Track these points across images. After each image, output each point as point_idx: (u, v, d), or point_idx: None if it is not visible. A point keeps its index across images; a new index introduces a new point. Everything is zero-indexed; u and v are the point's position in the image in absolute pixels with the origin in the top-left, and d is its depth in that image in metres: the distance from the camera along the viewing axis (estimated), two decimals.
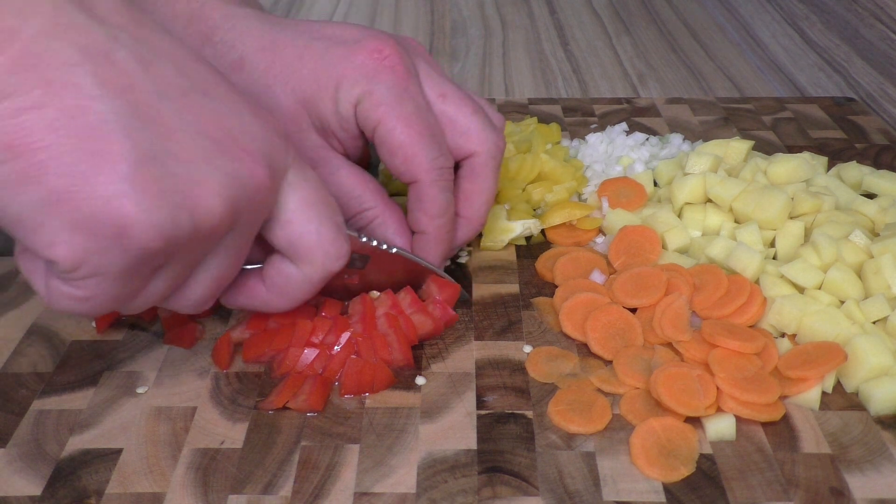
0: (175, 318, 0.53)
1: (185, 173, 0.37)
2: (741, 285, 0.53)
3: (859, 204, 0.60)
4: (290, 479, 0.43)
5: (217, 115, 0.39)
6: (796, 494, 0.42)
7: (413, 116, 0.50)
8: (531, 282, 0.58)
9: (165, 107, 0.37)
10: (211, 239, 0.40)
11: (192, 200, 0.37)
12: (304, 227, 0.43)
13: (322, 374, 0.48)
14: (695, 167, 0.64)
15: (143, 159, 0.36)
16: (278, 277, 0.45)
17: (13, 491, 0.42)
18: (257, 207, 0.41)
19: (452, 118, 0.52)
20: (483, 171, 0.53)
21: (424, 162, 0.50)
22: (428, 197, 0.51)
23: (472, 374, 0.50)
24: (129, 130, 0.35)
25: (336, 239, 0.44)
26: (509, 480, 0.43)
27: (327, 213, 0.44)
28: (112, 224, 0.35)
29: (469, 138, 0.52)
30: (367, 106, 0.50)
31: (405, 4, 1.19)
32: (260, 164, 0.40)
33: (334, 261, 0.45)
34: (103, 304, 0.38)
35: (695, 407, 0.46)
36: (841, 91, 0.89)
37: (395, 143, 0.50)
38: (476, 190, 0.54)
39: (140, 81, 0.37)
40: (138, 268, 0.38)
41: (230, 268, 0.43)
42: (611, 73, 0.96)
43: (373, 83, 0.50)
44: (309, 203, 0.43)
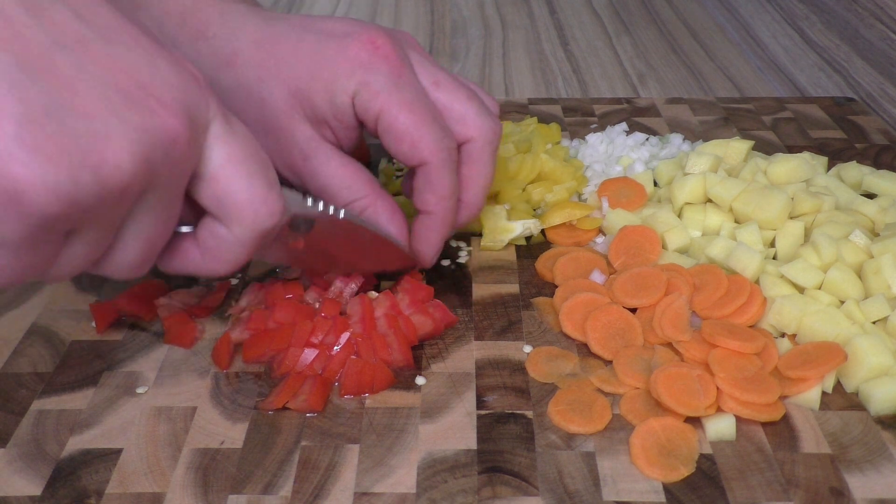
0: (175, 317, 0.53)
1: (86, 129, 0.34)
2: (741, 285, 0.53)
3: (859, 204, 0.60)
4: (290, 479, 0.43)
5: (124, 64, 0.36)
6: (796, 494, 0.42)
7: (414, 101, 0.50)
8: (531, 282, 0.58)
9: (62, 57, 0.34)
10: (125, 198, 0.36)
11: (95, 157, 0.34)
12: (232, 184, 0.41)
13: (322, 375, 0.48)
14: (695, 167, 0.64)
15: (34, 116, 0.33)
16: (211, 239, 0.43)
17: (13, 491, 0.42)
18: (176, 162, 0.38)
19: (448, 105, 0.53)
20: (480, 155, 0.54)
21: (431, 143, 0.50)
22: (437, 178, 0.51)
23: (472, 374, 0.50)
24: (14, 85, 0.33)
25: (268, 196, 0.41)
26: (509, 480, 0.43)
27: (257, 169, 0.41)
28: (3, 189, 0.32)
29: (465, 124, 0.53)
30: (365, 97, 0.50)
31: (405, 4, 1.19)
32: (175, 115, 0.37)
33: (266, 219, 0.42)
34: (14, 275, 0.36)
35: (695, 407, 0.46)
36: (841, 91, 0.89)
37: (400, 129, 0.50)
38: (474, 175, 0.54)
39: (30, 31, 0.34)
40: (43, 234, 0.35)
41: (160, 228, 0.40)
42: (611, 73, 0.96)
43: (369, 73, 0.50)
44: (236, 158, 0.41)
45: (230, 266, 0.44)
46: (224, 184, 0.41)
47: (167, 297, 0.54)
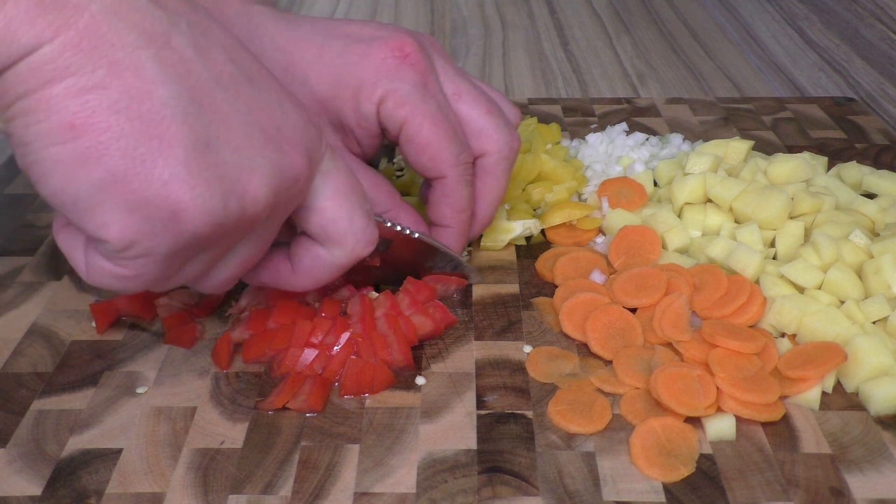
0: (175, 317, 0.53)
1: (235, 161, 0.38)
2: (741, 285, 0.53)
3: (859, 204, 0.60)
4: (290, 479, 0.43)
5: (264, 105, 0.40)
6: (796, 494, 0.42)
7: (437, 114, 0.50)
8: (531, 282, 0.58)
9: (219, 94, 0.38)
10: (252, 225, 0.40)
11: (241, 188, 0.38)
12: (337, 214, 0.44)
13: (322, 375, 0.48)
14: (695, 167, 0.64)
15: (199, 145, 0.36)
16: (306, 258, 0.46)
17: (13, 491, 0.42)
18: (294, 196, 0.42)
19: (467, 117, 0.53)
20: (495, 170, 0.54)
21: (450, 158, 0.51)
22: (454, 192, 0.52)
23: (472, 374, 0.50)
24: (186, 116, 0.36)
25: (367, 226, 0.45)
26: (509, 480, 0.43)
27: (358, 201, 0.45)
28: (167, 208, 0.36)
29: (482, 138, 0.53)
30: (391, 105, 0.50)
31: (405, 4, 1.19)
32: (301, 155, 0.41)
33: (364, 246, 0.45)
34: (145, 284, 0.39)
35: (695, 407, 0.46)
36: (841, 91, 0.89)
37: (422, 141, 0.50)
38: (487, 189, 0.54)
39: (197, 67, 0.37)
40: (184, 251, 0.38)
41: (258, 252, 0.43)
42: (611, 73, 0.96)
43: (396, 82, 0.50)
44: (341, 191, 0.44)
45: (318, 283, 0.47)
46: (330, 213, 0.44)
47: (167, 297, 0.54)
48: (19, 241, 0.62)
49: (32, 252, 0.61)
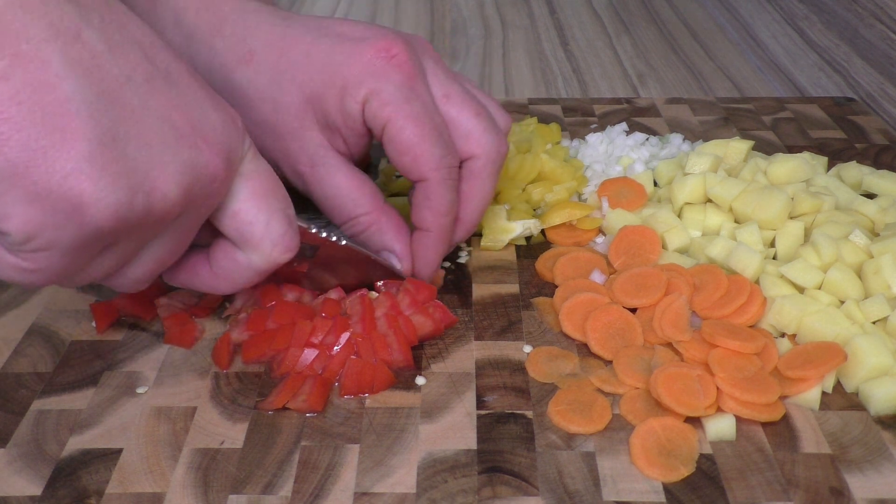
0: (175, 317, 0.53)
1: (144, 157, 0.38)
2: (741, 285, 0.53)
3: (859, 204, 0.60)
4: (290, 479, 0.43)
5: (179, 103, 0.40)
6: (796, 494, 0.42)
7: (421, 115, 0.50)
8: (531, 282, 0.58)
9: (130, 91, 0.38)
10: (162, 222, 0.40)
11: (149, 184, 0.38)
12: (254, 218, 0.44)
13: (322, 375, 0.48)
14: (695, 167, 0.64)
15: (105, 140, 0.36)
16: (225, 261, 0.45)
17: (13, 491, 0.42)
18: (210, 196, 0.41)
19: (455, 120, 0.52)
20: (481, 174, 0.53)
21: (433, 160, 0.50)
22: (436, 195, 0.51)
23: (472, 374, 0.50)
24: (92, 111, 0.36)
25: (286, 232, 0.44)
26: (509, 480, 0.43)
27: (278, 205, 0.44)
28: (69, 200, 0.36)
29: (469, 141, 0.52)
30: (375, 105, 0.50)
31: (405, 4, 1.19)
32: (218, 155, 0.41)
33: (282, 252, 0.45)
34: (48, 278, 0.39)
35: (695, 407, 0.46)
36: (841, 91, 0.89)
37: (404, 142, 0.50)
38: (473, 192, 0.54)
39: (107, 63, 0.37)
40: (89, 245, 0.38)
41: (174, 251, 0.43)
42: (611, 73, 0.96)
43: (381, 82, 0.50)
44: (260, 194, 0.44)
45: (237, 287, 0.47)
46: (247, 217, 0.44)
47: (167, 297, 0.54)
48: None
49: None
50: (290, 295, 0.53)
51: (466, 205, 0.54)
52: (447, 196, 0.52)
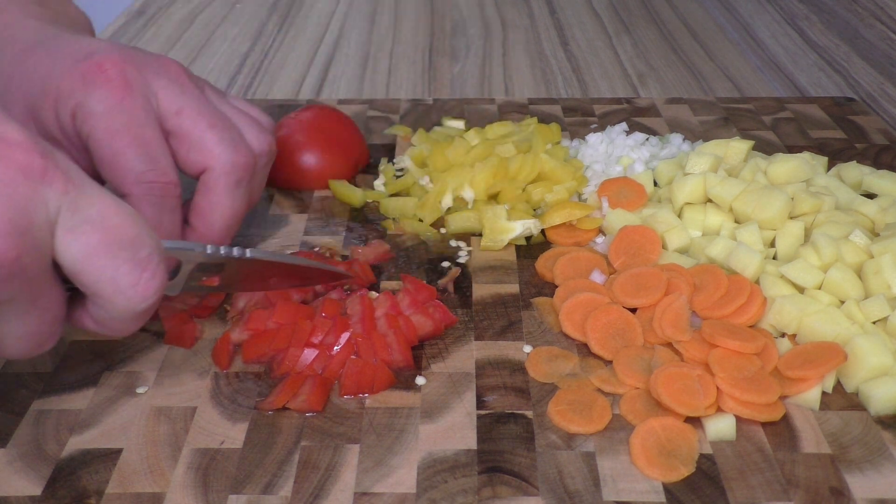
0: (175, 318, 0.53)
1: None
2: (741, 285, 0.53)
3: (859, 204, 0.60)
4: (290, 479, 0.43)
5: None
6: (796, 494, 0.42)
7: (122, 130, 0.49)
8: (531, 282, 0.58)
9: None
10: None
11: None
12: (97, 276, 0.39)
13: (322, 375, 0.48)
14: (695, 167, 0.64)
15: None
16: (99, 313, 0.41)
17: (13, 491, 0.42)
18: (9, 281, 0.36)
19: (187, 133, 0.51)
20: (214, 186, 0.52)
21: (130, 175, 0.49)
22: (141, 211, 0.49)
23: (472, 374, 0.50)
24: None
25: (137, 282, 0.39)
26: (509, 480, 0.43)
27: (121, 253, 0.39)
28: None
29: (200, 153, 0.52)
30: (80, 117, 0.50)
31: (405, 4, 1.19)
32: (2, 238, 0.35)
33: (139, 302, 0.40)
34: None
35: (695, 407, 0.46)
36: (841, 91, 0.89)
37: (102, 154, 0.49)
38: (207, 205, 0.52)
39: None
40: None
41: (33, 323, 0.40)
42: (611, 73, 0.96)
43: (87, 95, 0.50)
44: (93, 249, 0.38)
45: (125, 332, 0.43)
46: (88, 277, 0.39)
47: (168, 299, 0.54)
48: None
49: None
50: (297, 296, 0.53)
51: (202, 217, 0.52)
52: (149, 212, 0.49)
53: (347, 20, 1.13)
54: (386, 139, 0.77)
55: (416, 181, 0.67)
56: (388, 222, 0.64)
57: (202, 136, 0.51)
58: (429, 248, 0.61)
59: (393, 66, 0.98)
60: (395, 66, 0.98)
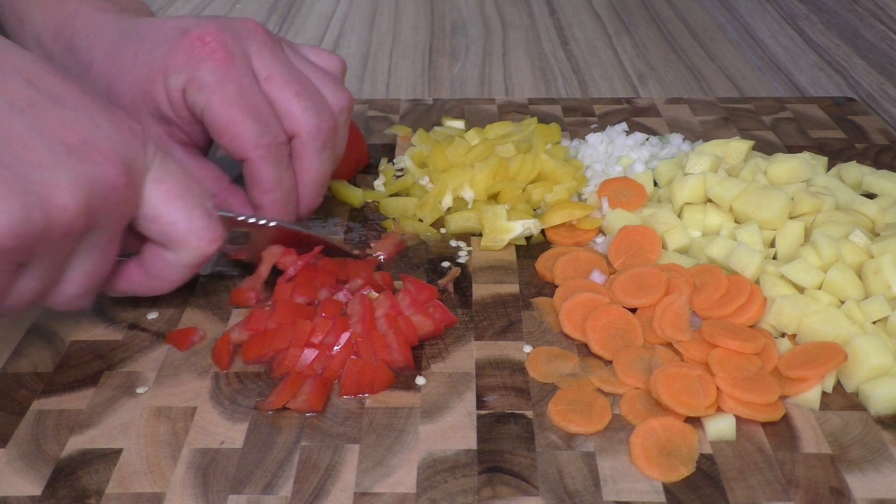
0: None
1: (38, 177, 0.40)
2: (741, 285, 0.53)
3: (859, 204, 0.60)
4: (290, 479, 0.43)
5: (69, 123, 0.43)
6: (796, 494, 0.42)
7: (236, 97, 0.52)
8: (531, 282, 0.58)
9: (15, 118, 0.41)
10: (70, 236, 0.42)
11: (45, 200, 0.40)
12: (174, 218, 0.47)
13: (322, 375, 0.48)
14: (695, 167, 0.64)
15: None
16: (157, 263, 0.48)
17: (13, 491, 0.42)
18: (115, 205, 0.44)
19: (276, 100, 0.54)
20: (303, 152, 0.55)
21: (249, 139, 0.52)
22: (258, 172, 0.53)
23: (472, 374, 0.50)
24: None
25: (208, 224, 0.47)
26: (509, 480, 0.43)
27: (195, 202, 0.47)
28: None
29: (289, 120, 0.54)
30: (192, 92, 0.52)
31: (405, 4, 1.19)
32: (114, 165, 0.43)
33: (207, 245, 0.48)
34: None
35: (695, 407, 0.46)
36: (841, 91, 0.89)
37: (220, 124, 0.52)
38: (301, 171, 0.56)
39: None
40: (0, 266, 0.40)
41: (101, 263, 0.46)
42: (611, 73, 0.96)
43: (196, 70, 0.52)
44: (175, 194, 0.47)
45: (174, 285, 0.50)
46: (167, 219, 0.47)
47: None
48: None
49: None
50: (300, 299, 0.53)
51: (298, 182, 0.56)
52: (269, 172, 0.53)
53: (347, 20, 1.13)
54: (386, 139, 0.77)
55: (416, 181, 0.67)
56: (388, 222, 0.64)
57: (289, 105, 0.54)
58: (429, 248, 0.61)
59: (393, 66, 0.98)
60: (395, 66, 0.98)
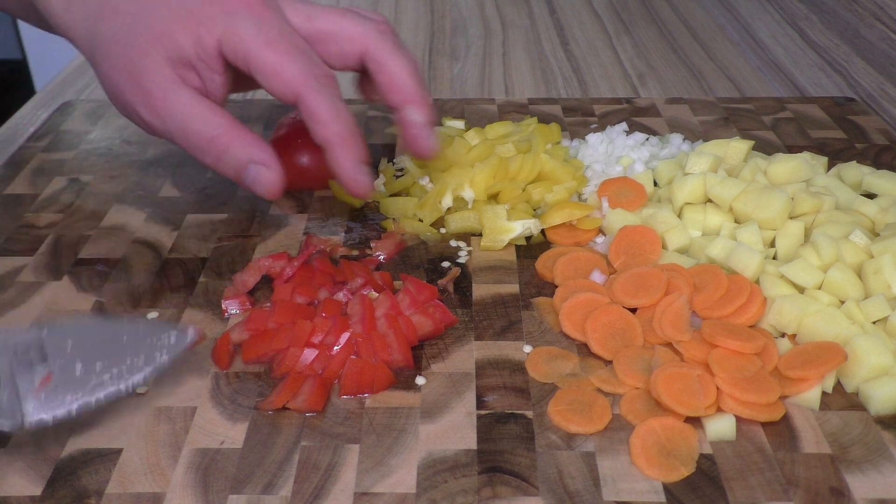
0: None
1: None
2: (741, 285, 0.53)
3: (859, 204, 0.60)
4: (290, 479, 0.43)
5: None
6: (796, 494, 0.42)
7: (277, 39, 0.53)
8: (531, 282, 0.58)
9: None
10: None
11: None
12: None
13: (322, 375, 0.48)
14: (695, 167, 0.64)
15: None
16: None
17: (13, 491, 0.42)
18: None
19: (327, 31, 0.56)
20: (382, 57, 0.56)
21: (299, 74, 0.52)
22: (314, 106, 0.53)
23: (472, 374, 0.50)
24: None
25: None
26: (509, 480, 0.43)
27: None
28: None
29: (351, 37, 0.56)
30: (232, 42, 0.52)
31: (405, 4, 1.19)
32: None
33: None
34: None
35: (695, 407, 0.46)
36: (841, 91, 0.89)
37: (268, 68, 0.52)
38: (391, 77, 0.56)
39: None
40: None
41: None
42: (611, 73, 0.96)
43: (234, 18, 0.53)
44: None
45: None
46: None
47: None
48: (19, 241, 0.62)
49: (32, 252, 0.61)
50: (300, 299, 0.53)
51: (397, 87, 0.56)
52: (325, 104, 0.53)
53: None
54: (386, 139, 0.77)
55: (416, 181, 0.67)
56: (388, 222, 0.64)
57: (343, 27, 0.56)
58: (429, 248, 0.61)
59: None
60: None
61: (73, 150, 0.75)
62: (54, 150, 0.75)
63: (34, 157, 0.74)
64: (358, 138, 0.55)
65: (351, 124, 0.54)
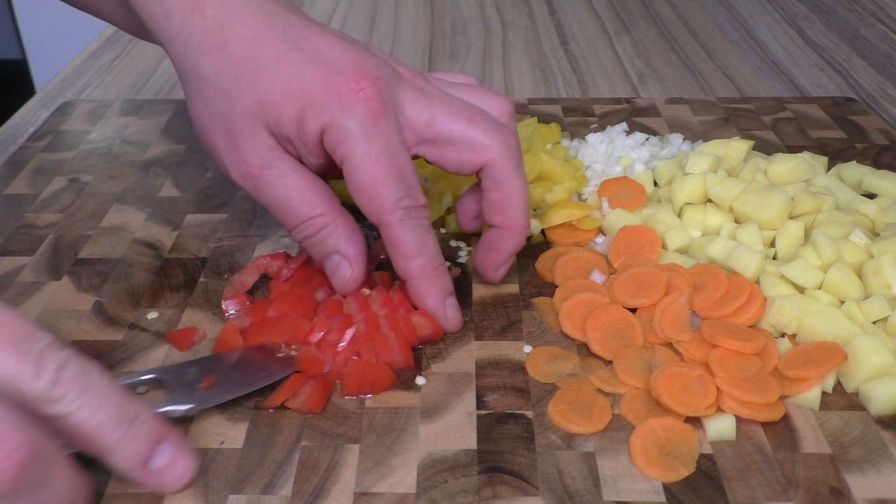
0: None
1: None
2: (741, 285, 0.53)
3: (859, 204, 0.60)
4: (290, 479, 0.43)
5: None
6: (796, 494, 0.42)
7: (381, 155, 0.49)
8: (531, 282, 0.58)
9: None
10: None
11: None
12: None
13: (323, 375, 0.48)
14: (695, 167, 0.64)
15: None
16: None
17: None
18: None
19: (449, 137, 0.51)
20: (502, 175, 0.51)
21: (389, 203, 0.49)
22: (399, 238, 0.50)
23: (472, 374, 0.50)
24: None
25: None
26: (509, 480, 0.43)
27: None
28: None
29: (473, 151, 0.51)
30: (333, 135, 0.49)
31: (405, 4, 1.19)
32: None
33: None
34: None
35: (695, 407, 0.46)
36: (841, 91, 0.89)
37: (360, 183, 0.49)
38: (504, 197, 0.52)
39: None
40: None
41: None
42: (611, 73, 0.96)
43: (344, 114, 0.48)
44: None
45: None
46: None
47: None
48: (19, 241, 0.62)
49: (32, 252, 0.61)
50: (321, 292, 0.54)
51: (503, 211, 0.52)
52: (409, 237, 0.50)
53: (347, 20, 1.13)
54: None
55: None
56: None
57: (467, 135, 0.51)
58: None
59: None
60: None
61: (73, 150, 0.75)
62: (54, 150, 0.75)
63: (34, 157, 0.74)
64: (442, 270, 0.52)
65: (436, 257, 0.51)
